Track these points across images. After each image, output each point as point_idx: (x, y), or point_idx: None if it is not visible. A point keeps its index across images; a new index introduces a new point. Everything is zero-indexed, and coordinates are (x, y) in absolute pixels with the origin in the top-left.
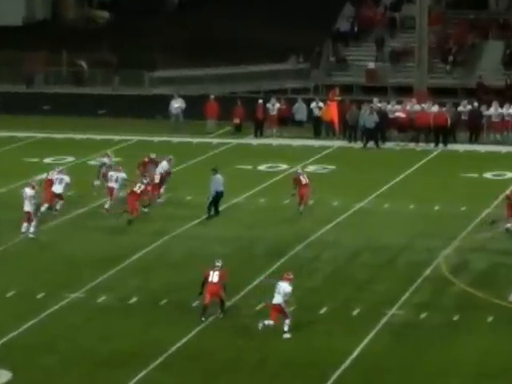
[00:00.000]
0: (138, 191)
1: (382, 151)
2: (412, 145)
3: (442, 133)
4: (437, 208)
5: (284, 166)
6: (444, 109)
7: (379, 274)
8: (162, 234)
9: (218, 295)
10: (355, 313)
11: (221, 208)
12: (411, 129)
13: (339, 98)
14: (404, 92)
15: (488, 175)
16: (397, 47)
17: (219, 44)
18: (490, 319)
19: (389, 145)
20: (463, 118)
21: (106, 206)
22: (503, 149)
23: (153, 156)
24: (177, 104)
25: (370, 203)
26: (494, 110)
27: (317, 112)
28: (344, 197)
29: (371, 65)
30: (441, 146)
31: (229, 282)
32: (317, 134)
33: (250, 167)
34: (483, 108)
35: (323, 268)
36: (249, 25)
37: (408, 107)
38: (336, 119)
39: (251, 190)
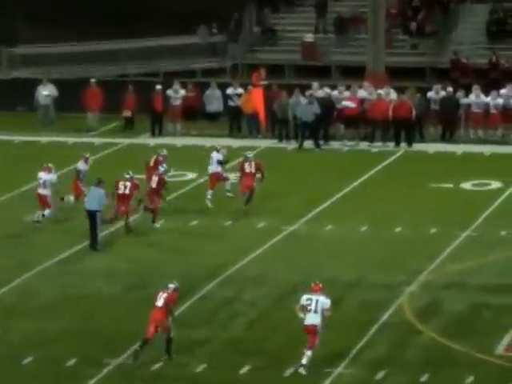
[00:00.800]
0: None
1: (324, 153)
2: (365, 144)
3: (405, 128)
4: (398, 230)
5: (192, 175)
6: (405, 95)
7: None
8: (25, 268)
9: (163, 326)
10: (288, 373)
11: (105, 231)
12: (363, 123)
13: (266, 83)
14: (354, 74)
15: (466, 185)
16: (343, 13)
17: (102, 11)
18: (469, 380)
19: (334, 145)
20: (433, 107)
21: (36, 216)
22: (486, 149)
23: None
24: (46, 91)
25: (308, 224)
26: (474, 98)
27: (236, 101)
28: (272, 216)
29: (309, 37)
30: (403, 145)
31: (126, 329)
32: (236, 131)
33: (143, 177)
34: (460, 95)
35: (245, 312)
36: None
37: (359, 94)
38: (262, 111)
39: None
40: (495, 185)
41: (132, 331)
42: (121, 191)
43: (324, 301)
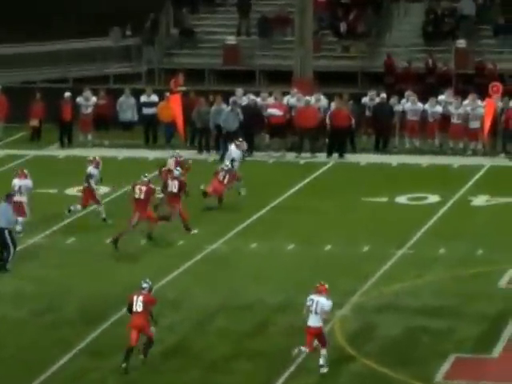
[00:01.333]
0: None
1: (248, 165)
2: (292, 155)
3: (341, 138)
4: (328, 248)
5: (104, 189)
6: (337, 102)
7: (242, 346)
8: None
9: (145, 330)
10: None
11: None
12: (291, 132)
13: (184, 89)
14: (280, 79)
15: (402, 199)
16: (268, 13)
17: (8, 12)
18: None
19: (258, 156)
20: (368, 114)
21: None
22: (423, 160)
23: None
24: None
25: (230, 243)
26: (409, 105)
27: (150, 109)
28: (192, 234)
29: (231, 39)
30: (335, 156)
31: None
32: (152, 141)
33: (54, 191)
34: (393, 101)
35: (161, 339)
36: None
37: (286, 101)
38: (180, 119)
39: (55, 224)
40: (433, 198)
41: (46, 355)
42: (137, 195)
43: (324, 302)
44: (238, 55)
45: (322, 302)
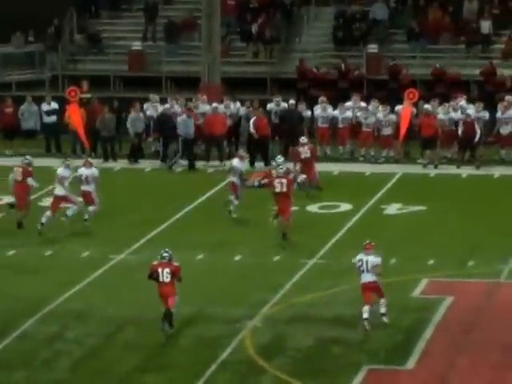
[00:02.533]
0: None
1: (156, 174)
2: (200, 163)
3: (262, 147)
4: (238, 258)
5: (7, 199)
6: (244, 109)
7: (153, 359)
8: None
9: (170, 300)
10: None
11: None
12: (199, 140)
13: (88, 96)
14: (187, 85)
15: (313, 208)
16: (175, 18)
17: None
18: None
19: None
20: (274, 121)
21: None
22: (335, 167)
23: None
24: None
25: (138, 253)
26: (320, 111)
27: (51, 117)
28: (99, 244)
29: (137, 45)
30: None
31: None
32: (53, 151)
33: None
34: (302, 107)
35: (69, 351)
36: None
37: (193, 108)
38: (80, 128)
39: None
40: (344, 207)
41: None
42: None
43: (373, 260)
44: (144, 61)
45: (371, 260)
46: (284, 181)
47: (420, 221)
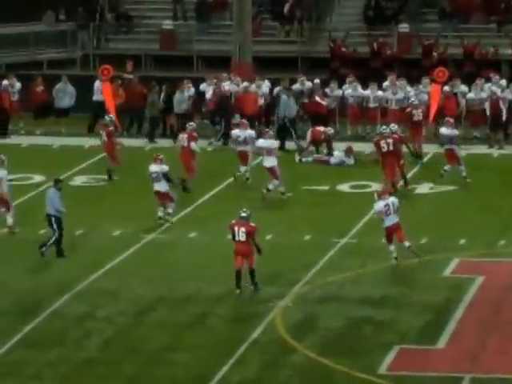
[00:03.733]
0: None
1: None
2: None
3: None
4: (269, 238)
5: (38, 178)
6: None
7: (183, 338)
8: None
9: (249, 259)
10: None
11: None
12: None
13: (131, 77)
14: (218, 64)
15: (344, 187)
16: None
17: None
18: None
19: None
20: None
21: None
22: (367, 147)
23: None
24: None
25: (169, 232)
26: (351, 91)
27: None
28: (129, 225)
29: (168, 24)
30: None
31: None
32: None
33: None
34: (333, 87)
35: (100, 330)
36: None
37: (223, 87)
38: (111, 108)
39: None
40: (376, 186)
41: None
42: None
43: (395, 200)
44: (175, 40)
45: (394, 201)
46: (390, 140)
47: (451, 200)
